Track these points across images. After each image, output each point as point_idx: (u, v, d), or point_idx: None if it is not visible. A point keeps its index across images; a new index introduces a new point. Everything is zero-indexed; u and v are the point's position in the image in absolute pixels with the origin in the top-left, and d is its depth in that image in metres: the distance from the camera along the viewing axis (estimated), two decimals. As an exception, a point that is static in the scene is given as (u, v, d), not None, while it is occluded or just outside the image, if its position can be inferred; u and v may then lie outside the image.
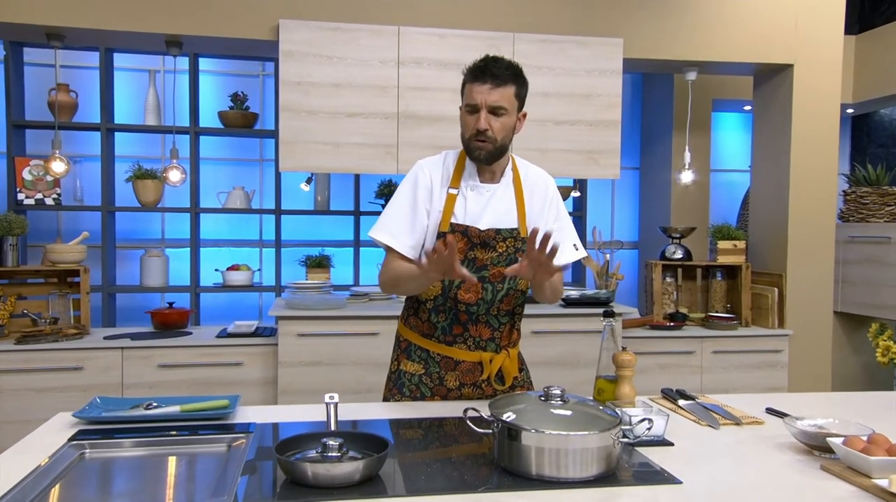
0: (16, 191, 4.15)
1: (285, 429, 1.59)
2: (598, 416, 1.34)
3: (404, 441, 1.53)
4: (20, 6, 3.29)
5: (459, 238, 1.83)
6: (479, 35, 3.58)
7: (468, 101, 1.82)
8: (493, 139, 1.81)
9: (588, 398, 1.48)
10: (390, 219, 1.88)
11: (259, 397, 3.44)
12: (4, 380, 3.22)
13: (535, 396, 1.39)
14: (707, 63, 3.96)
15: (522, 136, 3.63)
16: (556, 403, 1.35)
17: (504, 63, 1.81)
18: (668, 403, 1.87)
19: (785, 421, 1.49)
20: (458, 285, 1.84)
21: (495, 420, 1.31)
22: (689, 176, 4.04)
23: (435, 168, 1.91)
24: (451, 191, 1.86)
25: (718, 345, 3.86)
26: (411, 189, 1.88)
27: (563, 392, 1.37)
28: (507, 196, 1.90)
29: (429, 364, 1.90)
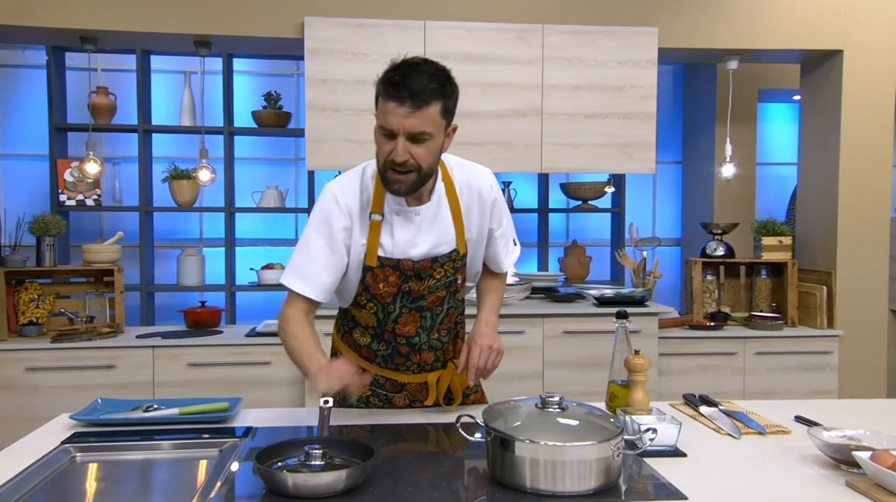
0: (58, 192, 4.25)
1: (283, 434, 1.55)
2: (599, 425, 1.26)
3: (394, 448, 1.47)
4: (55, 11, 3.34)
5: (391, 272, 1.62)
6: (507, 28, 3.50)
7: (382, 122, 1.50)
8: (415, 167, 1.51)
9: (589, 404, 1.39)
10: (312, 267, 1.60)
11: (287, 397, 3.44)
12: (40, 378, 3.28)
13: (532, 403, 1.31)
14: (749, 51, 3.78)
15: (554, 132, 3.54)
16: (554, 411, 1.27)
17: (426, 71, 1.50)
18: (689, 410, 1.76)
19: (809, 431, 1.37)
20: (395, 319, 1.67)
21: (487, 428, 1.24)
22: (730, 169, 3.87)
23: (350, 193, 1.62)
24: (373, 218, 1.61)
25: (762, 346, 3.68)
26: (323, 226, 1.60)
27: (561, 399, 1.29)
28: (440, 216, 1.65)
29: (374, 384, 1.77)
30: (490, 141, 3.51)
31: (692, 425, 1.63)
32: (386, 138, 1.50)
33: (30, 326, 3.45)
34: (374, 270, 1.60)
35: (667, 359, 3.63)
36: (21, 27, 3.35)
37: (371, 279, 1.61)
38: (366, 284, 1.62)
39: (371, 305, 1.65)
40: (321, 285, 1.61)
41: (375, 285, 1.62)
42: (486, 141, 3.51)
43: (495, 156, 3.52)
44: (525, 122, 3.52)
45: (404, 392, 1.77)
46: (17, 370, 3.26)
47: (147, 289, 4.36)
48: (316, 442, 1.22)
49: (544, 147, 3.54)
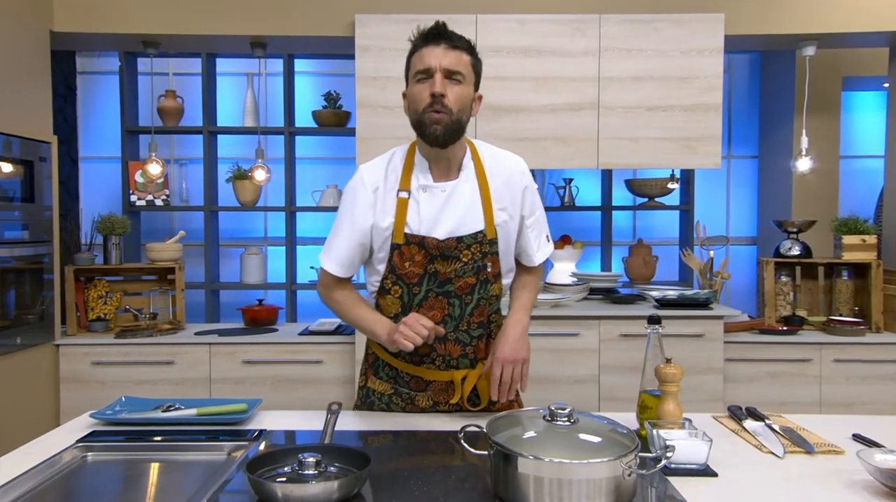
0: (129, 193, 4.41)
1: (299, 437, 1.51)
2: (613, 440, 1.16)
3: (395, 457, 1.40)
4: (119, 17, 3.46)
5: (416, 250, 1.61)
6: (561, 19, 3.38)
7: (419, 66, 1.57)
8: (449, 110, 1.54)
9: (605, 417, 1.28)
10: (336, 245, 1.68)
11: (338, 396, 3.43)
12: (106, 372, 3.40)
13: (541, 415, 1.21)
14: (828, 35, 3.52)
15: (612, 126, 3.40)
16: (563, 424, 1.18)
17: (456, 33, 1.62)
18: (733, 423, 1.62)
19: (860, 453, 1.22)
20: (420, 303, 1.65)
21: (490, 442, 1.16)
22: (806, 163, 3.61)
23: (377, 172, 1.66)
24: (401, 195, 1.62)
25: (841, 353, 3.42)
26: (348, 205, 1.67)
27: (571, 411, 1.19)
28: (466, 194, 1.64)
29: (398, 382, 1.73)
30: (545, 136, 3.40)
31: (733, 441, 1.49)
32: (422, 83, 1.56)
33: (97, 322, 3.58)
34: (401, 248, 1.61)
35: (734, 365, 3.42)
36: (88, 34, 3.47)
37: (398, 258, 1.62)
38: (392, 264, 1.63)
39: (397, 288, 1.65)
40: (342, 261, 1.68)
41: (402, 264, 1.62)
42: (541, 136, 3.40)
43: (551, 151, 3.41)
44: (581, 116, 3.39)
45: (429, 391, 1.71)
46: (84, 364, 3.39)
47: (211, 286, 4.46)
48: (311, 450, 1.17)
49: (601, 142, 3.40)
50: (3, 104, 3.01)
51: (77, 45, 3.71)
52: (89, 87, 4.82)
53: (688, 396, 3.43)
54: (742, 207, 4.98)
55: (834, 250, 3.75)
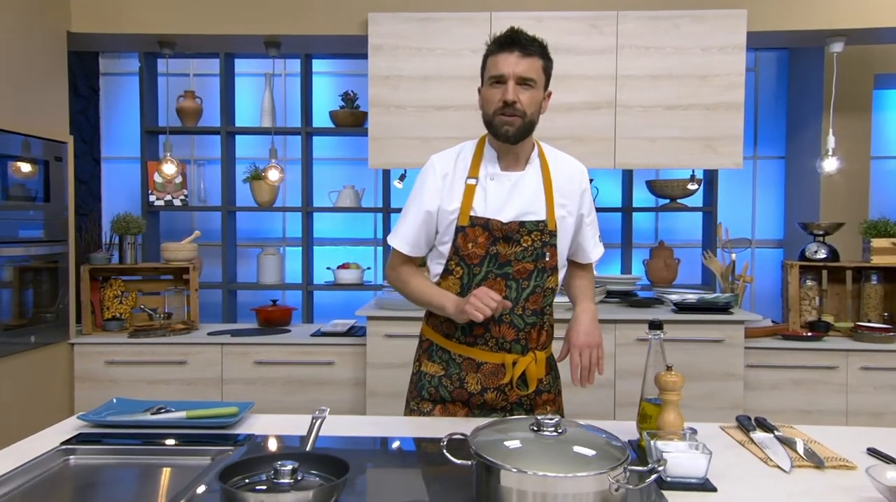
0: (148, 193, 4.43)
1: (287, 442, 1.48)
2: (602, 452, 1.10)
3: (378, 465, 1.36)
4: (135, 18, 3.47)
5: (480, 232, 1.70)
6: (578, 16, 3.31)
7: (493, 72, 1.68)
8: (521, 112, 1.67)
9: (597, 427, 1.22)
10: (404, 225, 1.80)
11: (349, 398, 3.40)
12: (119, 371, 3.41)
13: (527, 424, 1.16)
14: (857, 31, 3.40)
15: (629, 125, 3.33)
16: (549, 434, 1.12)
17: (530, 36, 1.70)
18: (740, 434, 1.54)
19: (869, 470, 1.15)
20: (479, 284, 1.72)
21: (472, 452, 1.11)
22: (832, 164, 3.49)
23: (447, 160, 1.78)
24: (469, 182, 1.73)
25: (869, 361, 3.29)
26: (418, 186, 1.79)
27: (558, 421, 1.13)
28: (532, 184, 1.75)
29: (449, 365, 1.78)
30: (560, 135, 3.33)
31: (738, 453, 1.42)
32: (495, 88, 1.68)
33: (113, 321, 3.59)
34: (466, 230, 1.70)
35: (755, 371, 3.32)
36: (105, 35, 3.49)
37: (462, 240, 1.71)
38: (456, 246, 1.72)
39: (458, 269, 1.74)
40: (409, 240, 1.78)
41: (465, 246, 1.71)
42: (557, 135, 3.33)
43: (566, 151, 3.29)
44: (598, 115, 3.32)
45: (479, 373, 1.76)
46: (98, 363, 3.40)
47: (229, 286, 4.46)
48: (288, 458, 1.13)
49: (618, 142, 3.33)
50: (20, 104, 3.04)
51: (94, 45, 3.74)
52: (112, 88, 4.86)
53: (706, 403, 3.35)
54: (768, 209, 4.84)
55: (862, 254, 3.62)
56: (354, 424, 1.65)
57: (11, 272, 3.02)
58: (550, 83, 1.78)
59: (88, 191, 4.62)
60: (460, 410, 1.77)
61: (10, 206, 2.99)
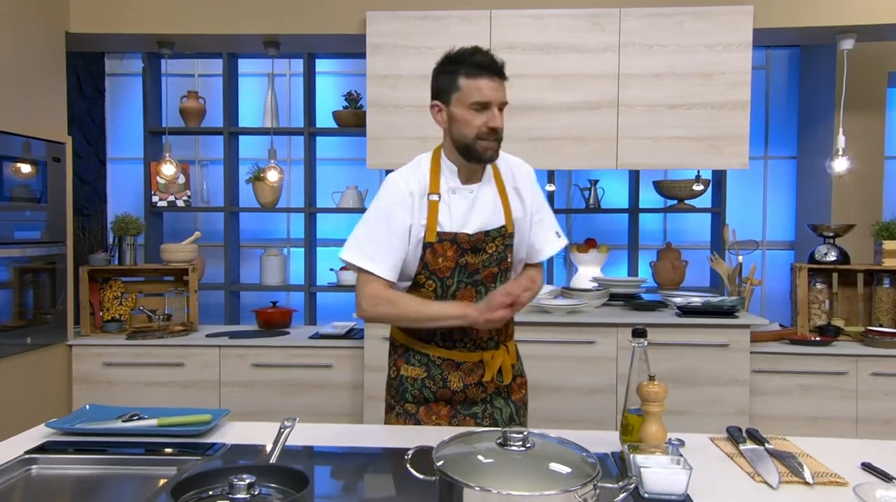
0: (151, 193, 4.42)
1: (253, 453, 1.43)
2: (572, 468, 1.04)
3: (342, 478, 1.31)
4: (133, 18, 3.45)
5: (448, 246, 1.73)
6: (579, 14, 3.25)
7: (477, 97, 1.67)
8: (501, 136, 1.72)
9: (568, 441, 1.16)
10: (365, 241, 1.73)
11: (348, 401, 3.36)
12: (118, 373, 3.40)
13: (494, 438, 1.10)
14: (868, 27, 3.31)
15: (631, 125, 3.26)
16: (517, 449, 1.07)
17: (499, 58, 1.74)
18: (730, 447, 1.48)
19: (857, 488, 1.08)
20: (454, 293, 1.77)
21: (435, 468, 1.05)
22: (842, 164, 3.40)
23: (411, 178, 1.76)
24: (431, 199, 1.74)
25: (879, 366, 3.20)
26: (387, 206, 1.74)
27: (526, 435, 1.08)
28: (490, 194, 1.80)
29: (430, 367, 1.80)
30: (561, 135, 3.27)
31: (725, 467, 1.36)
32: (478, 112, 1.68)
33: (112, 323, 3.58)
34: (434, 246, 1.72)
35: (762, 376, 3.24)
36: (104, 35, 3.48)
37: (430, 255, 1.72)
38: (425, 262, 1.73)
39: (430, 282, 1.75)
40: (393, 265, 1.72)
41: (434, 261, 1.73)
42: (557, 136, 3.27)
43: (567, 151, 3.28)
44: (600, 114, 3.25)
45: (459, 371, 1.79)
46: (96, 365, 3.39)
47: (231, 288, 4.44)
48: (246, 471, 1.09)
49: (621, 142, 3.26)
50: (19, 105, 3.03)
51: (93, 45, 3.72)
52: (118, 88, 4.86)
53: (711, 409, 3.27)
54: (779, 210, 4.75)
55: (874, 256, 3.53)
56: (324, 434, 1.60)
57: (10, 273, 3.01)
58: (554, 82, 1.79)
59: (94, 191, 4.63)
60: (444, 408, 1.80)
61: (8, 207, 2.98)
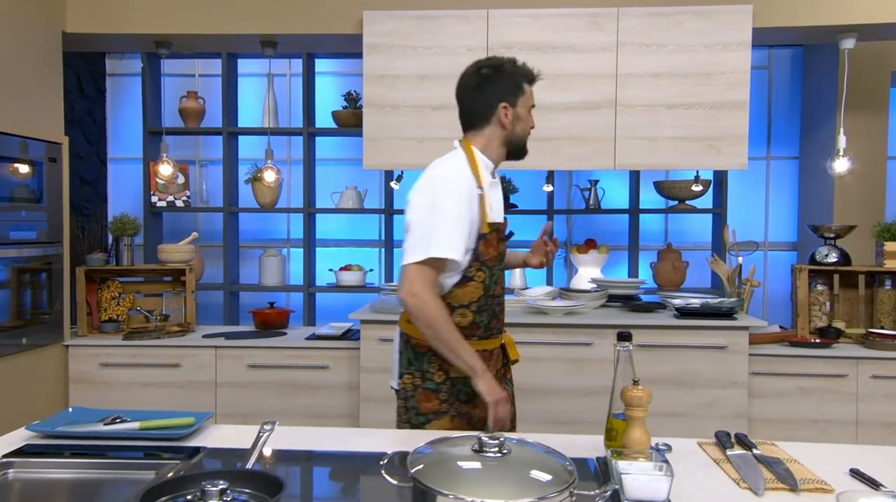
0: (150, 194, 4.42)
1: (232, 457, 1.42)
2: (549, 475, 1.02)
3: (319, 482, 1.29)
4: (130, 18, 3.45)
5: (495, 236, 1.86)
6: (577, 13, 3.23)
7: (532, 101, 1.93)
8: None
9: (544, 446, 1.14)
10: (455, 233, 1.75)
11: (344, 403, 3.35)
12: (114, 374, 3.40)
13: (469, 444, 1.09)
14: (869, 26, 3.27)
15: (630, 125, 3.24)
16: (492, 455, 1.05)
17: None
18: (717, 452, 1.46)
19: (839, 496, 1.06)
20: (496, 282, 1.88)
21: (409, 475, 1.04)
22: (843, 164, 3.37)
23: (466, 172, 1.84)
24: (478, 192, 1.83)
25: (880, 369, 3.17)
26: (458, 199, 1.77)
27: (503, 440, 1.06)
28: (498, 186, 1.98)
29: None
30: (559, 136, 3.25)
31: (711, 473, 1.33)
32: (530, 114, 1.92)
33: (109, 323, 3.58)
34: (487, 236, 1.82)
35: (761, 379, 3.21)
36: (101, 35, 3.48)
37: (483, 246, 1.83)
38: (478, 253, 1.82)
39: (480, 274, 1.84)
40: (461, 249, 1.77)
41: (486, 251, 1.83)
42: (555, 136, 3.25)
43: (564, 151, 3.26)
44: (597, 114, 3.23)
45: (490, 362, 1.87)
46: (92, 365, 3.39)
47: (230, 288, 4.44)
48: (219, 477, 1.07)
49: (619, 142, 3.24)
50: (15, 105, 3.03)
51: (90, 45, 3.72)
52: (119, 88, 4.86)
53: (709, 411, 3.24)
54: (782, 211, 4.71)
55: (876, 257, 3.49)
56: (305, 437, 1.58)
57: (7, 273, 3.01)
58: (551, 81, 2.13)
59: (94, 191, 4.63)
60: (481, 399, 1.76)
61: (5, 208, 2.98)
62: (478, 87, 1.88)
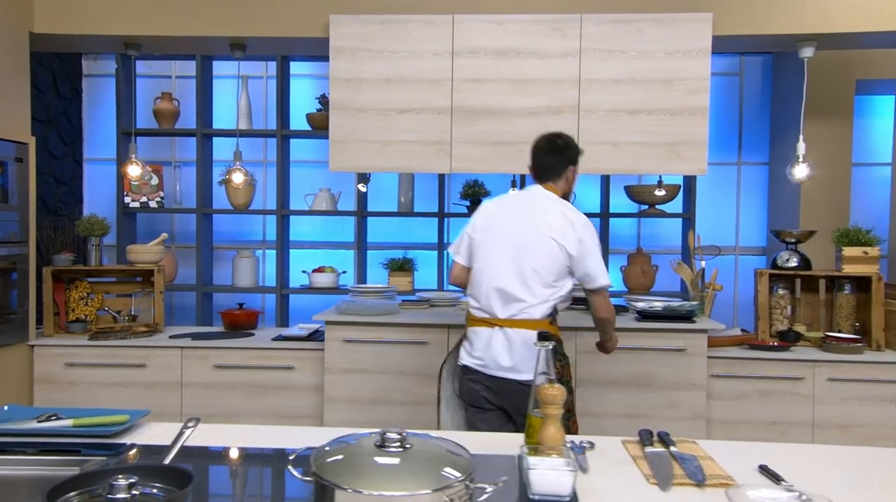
0: (123, 194, 4.44)
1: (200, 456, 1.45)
2: (449, 468, 1.05)
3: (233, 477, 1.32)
4: (99, 19, 3.46)
5: None
6: (541, 19, 3.27)
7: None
8: None
9: (449, 440, 1.17)
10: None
11: (309, 403, 3.37)
12: (79, 374, 3.41)
13: (371, 441, 1.11)
14: (828, 36, 3.32)
15: (592, 130, 3.28)
16: (394, 450, 1.08)
17: None
18: (637, 449, 1.49)
19: (728, 492, 1.10)
20: None
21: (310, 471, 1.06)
22: (802, 170, 3.41)
23: None
24: None
25: (836, 372, 3.22)
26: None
27: (404, 436, 1.09)
28: None
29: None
30: (521, 140, 3.27)
31: (626, 470, 1.37)
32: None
33: (76, 323, 3.59)
34: None
35: (720, 381, 3.25)
36: (69, 35, 3.49)
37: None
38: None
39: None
40: None
41: None
42: (518, 140, 3.29)
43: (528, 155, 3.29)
44: (560, 119, 3.27)
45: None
46: (57, 365, 3.40)
47: (203, 289, 4.45)
48: (131, 472, 1.10)
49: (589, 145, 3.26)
50: (-21, 106, 3.05)
51: (58, 46, 3.74)
52: (95, 89, 4.87)
53: (669, 413, 3.28)
54: (752, 216, 4.77)
55: (835, 262, 3.54)
56: (230, 433, 1.61)
57: (-29, 273, 3.03)
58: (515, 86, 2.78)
59: (70, 192, 4.64)
60: None
61: (-34, 207, 2.99)
62: (557, 151, 2.51)
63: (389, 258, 4.39)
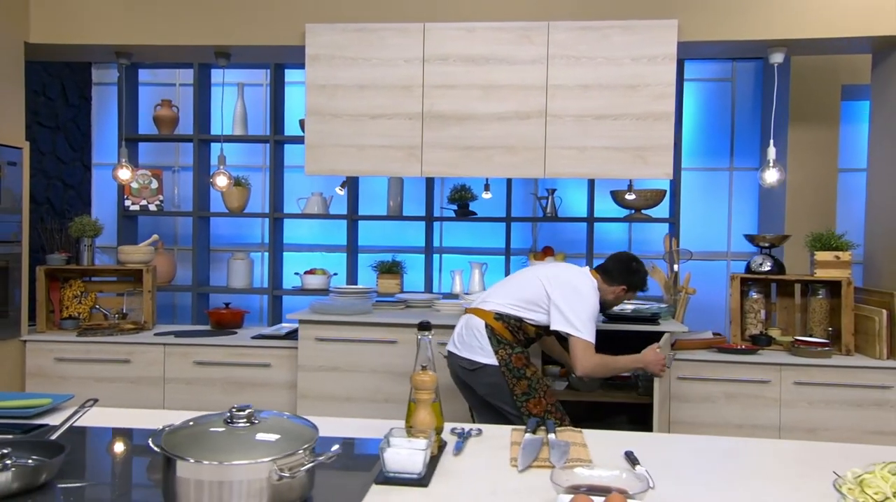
0: (124, 198, 4.62)
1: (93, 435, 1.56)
2: (288, 441, 1.13)
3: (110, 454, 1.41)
4: (91, 29, 3.63)
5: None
6: (509, 27, 3.34)
7: (626, 297, 3.01)
8: None
9: (301, 418, 1.25)
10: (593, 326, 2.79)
11: (285, 399, 3.48)
12: (68, 368, 3.57)
13: (220, 418, 1.20)
14: (797, 42, 3.33)
15: (557, 134, 3.34)
16: (241, 425, 1.17)
17: None
18: (519, 436, 1.55)
19: (554, 471, 1.16)
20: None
21: (158, 445, 1.15)
22: (773, 175, 3.42)
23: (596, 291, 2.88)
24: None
25: (802, 376, 3.21)
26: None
27: (251, 412, 1.18)
28: None
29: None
30: (491, 145, 3.36)
31: (497, 454, 1.44)
32: (620, 300, 3.04)
33: (69, 320, 3.76)
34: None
35: (687, 383, 3.27)
36: (63, 45, 3.67)
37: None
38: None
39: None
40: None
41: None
42: (487, 145, 3.36)
43: (496, 160, 3.37)
44: (528, 124, 3.33)
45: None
46: (47, 360, 3.56)
47: (199, 289, 4.60)
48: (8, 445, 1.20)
49: (548, 151, 3.34)
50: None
51: (52, 55, 3.92)
52: (104, 97, 5.07)
53: (635, 415, 3.31)
54: (744, 221, 4.75)
55: (809, 267, 3.53)
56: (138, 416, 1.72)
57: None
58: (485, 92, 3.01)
59: (77, 195, 4.84)
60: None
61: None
62: (624, 267, 2.93)
63: (378, 261, 4.49)
